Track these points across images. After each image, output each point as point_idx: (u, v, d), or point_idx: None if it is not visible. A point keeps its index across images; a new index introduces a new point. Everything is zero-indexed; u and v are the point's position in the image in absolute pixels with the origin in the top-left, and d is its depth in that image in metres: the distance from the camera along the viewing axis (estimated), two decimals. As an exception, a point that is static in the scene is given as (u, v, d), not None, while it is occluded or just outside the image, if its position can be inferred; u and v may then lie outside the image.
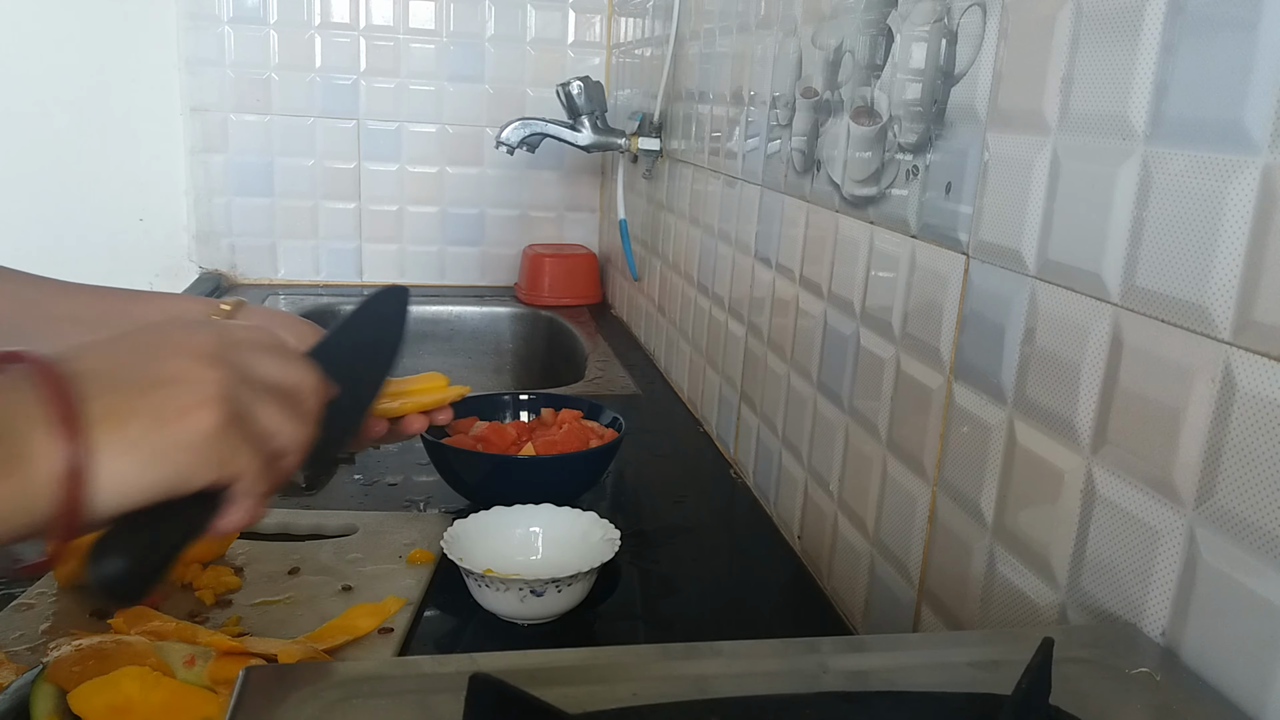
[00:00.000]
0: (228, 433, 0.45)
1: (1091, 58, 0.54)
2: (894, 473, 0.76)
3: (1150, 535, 0.50)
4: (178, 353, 0.46)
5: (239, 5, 1.85)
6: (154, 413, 0.43)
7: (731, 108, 1.19)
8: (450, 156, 1.99)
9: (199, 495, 0.44)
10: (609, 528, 0.85)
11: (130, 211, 1.95)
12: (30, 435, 0.39)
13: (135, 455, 0.42)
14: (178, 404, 0.44)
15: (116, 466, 0.41)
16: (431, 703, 0.42)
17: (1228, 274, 0.45)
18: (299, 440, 0.50)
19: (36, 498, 0.39)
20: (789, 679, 0.45)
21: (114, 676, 0.61)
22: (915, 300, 0.74)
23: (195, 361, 0.46)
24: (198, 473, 0.44)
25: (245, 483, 0.46)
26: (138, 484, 0.42)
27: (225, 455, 0.45)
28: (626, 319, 1.83)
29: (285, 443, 0.49)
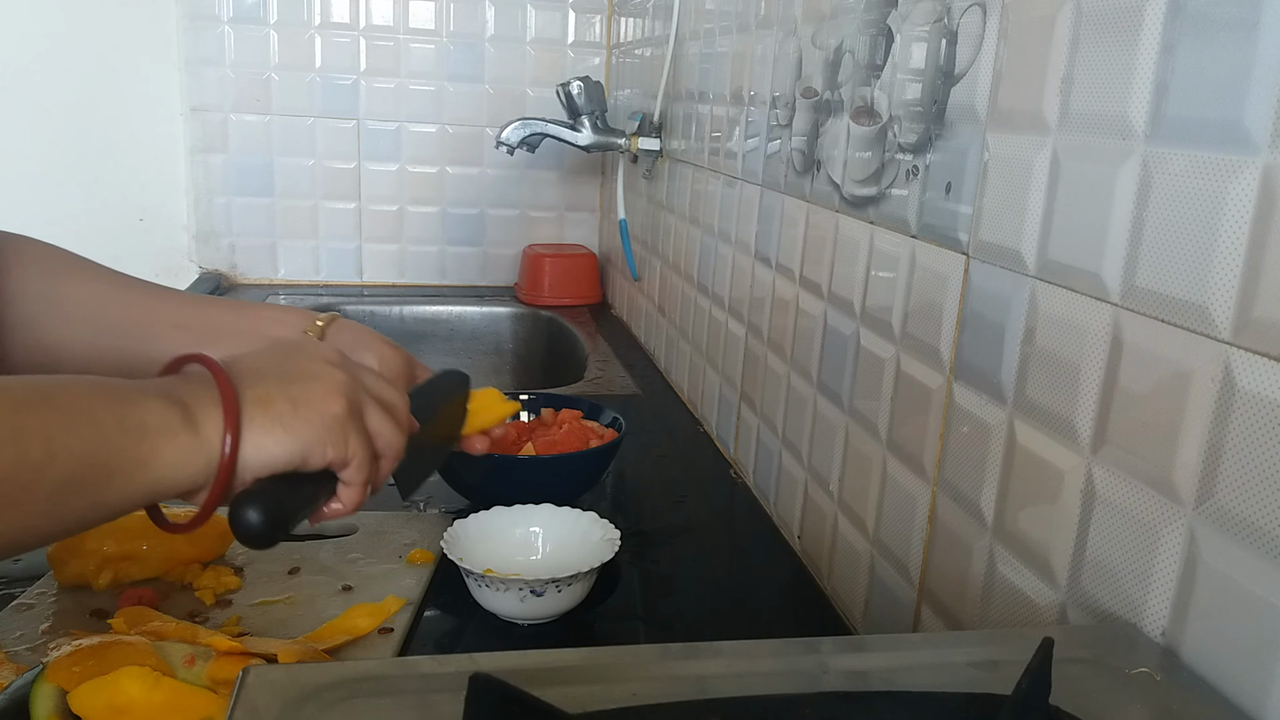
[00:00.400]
0: (346, 422, 0.56)
1: (1091, 58, 0.54)
2: (894, 473, 0.76)
3: (1150, 535, 0.50)
4: (312, 358, 0.58)
5: (239, 5, 1.85)
6: (292, 399, 0.54)
7: (731, 108, 1.19)
8: (450, 156, 1.99)
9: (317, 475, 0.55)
10: (609, 528, 0.85)
11: (130, 211, 1.95)
12: (205, 411, 0.51)
13: (276, 430, 0.53)
14: (311, 393, 0.55)
15: (261, 438, 0.52)
16: (431, 703, 0.42)
17: (1228, 274, 0.45)
18: (395, 446, 0.60)
19: (206, 454, 0.51)
20: (789, 679, 0.45)
21: (114, 676, 0.61)
22: (915, 300, 0.74)
23: (326, 365, 0.57)
24: (321, 450, 0.54)
25: (352, 470, 0.57)
26: (276, 452, 0.53)
27: (342, 439, 0.55)
28: (626, 319, 1.83)
29: (384, 445, 0.59)
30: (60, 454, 0.45)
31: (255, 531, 0.51)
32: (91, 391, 0.49)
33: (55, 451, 0.45)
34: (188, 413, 0.50)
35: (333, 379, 0.56)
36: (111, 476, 0.48)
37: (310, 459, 0.54)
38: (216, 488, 0.51)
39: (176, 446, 0.49)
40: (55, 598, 0.76)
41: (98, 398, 0.48)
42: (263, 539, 0.52)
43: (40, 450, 0.45)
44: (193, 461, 0.50)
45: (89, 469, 0.47)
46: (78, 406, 0.47)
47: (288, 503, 0.53)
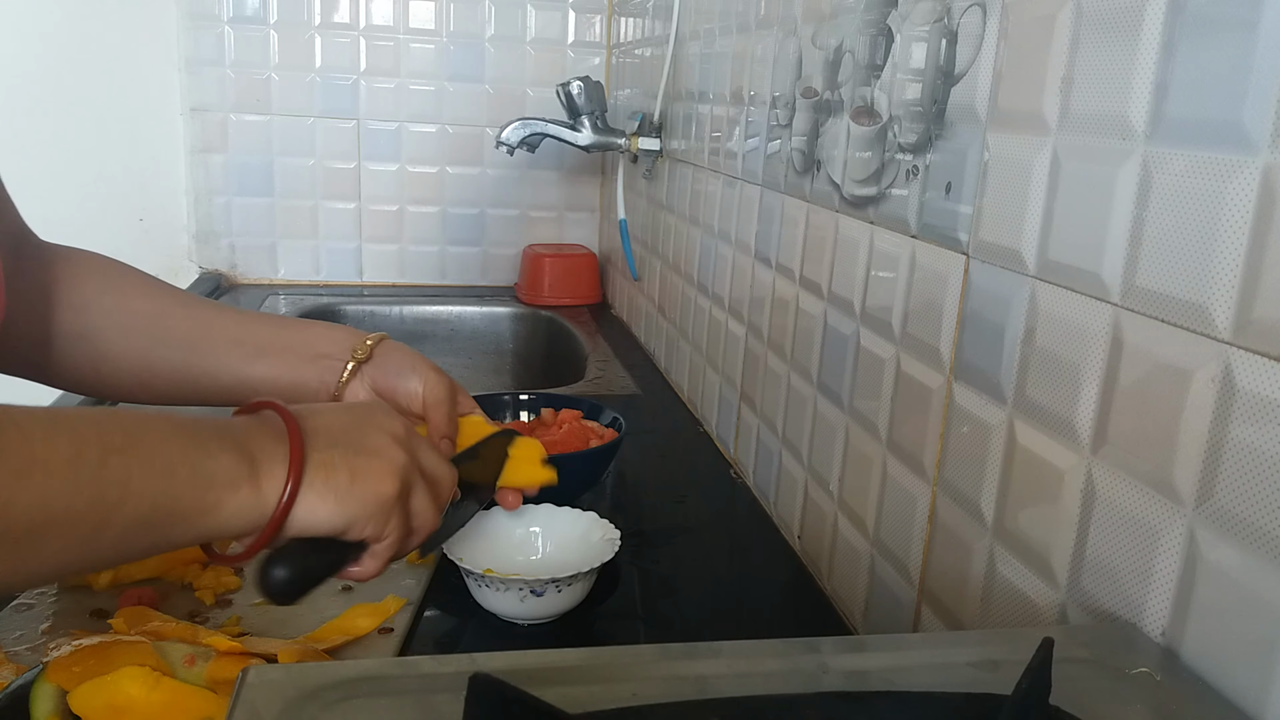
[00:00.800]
0: (393, 504, 0.58)
1: (1091, 58, 0.54)
2: (894, 473, 0.76)
3: (1150, 535, 0.50)
4: (381, 431, 0.60)
5: (239, 5, 1.85)
6: (353, 470, 0.57)
7: (731, 108, 1.19)
8: (450, 156, 1.99)
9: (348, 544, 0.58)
10: (609, 528, 0.85)
11: (130, 211, 1.95)
12: (272, 467, 0.54)
13: (329, 498, 0.55)
14: (371, 470, 0.57)
15: (314, 501, 0.55)
16: (431, 703, 0.42)
17: (1228, 274, 0.45)
18: (430, 526, 0.62)
19: (263, 507, 0.53)
20: (789, 679, 0.45)
21: (114, 676, 0.61)
22: (915, 300, 0.74)
23: (392, 442, 0.59)
24: (362, 526, 0.57)
25: (383, 546, 0.59)
26: (323, 518, 0.55)
27: (384, 520, 0.58)
28: (626, 319, 1.83)
29: (419, 525, 0.61)
30: (133, 499, 0.48)
31: (280, 590, 0.55)
32: (173, 436, 0.51)
33: (129, 496, 0.48)
34: (254, 467, 0.53)
35: (393, 459, 0.59)
36: (176, 521, 0.50)
37: (350, 532, 0.57)
38: (263, 538, 0.54)
39: (239, 500, 0.52)
40: (55, 598, 0.76)
41: (176, 444, 0.51)
42: (285, 597, 0.55)
43: (117, 494, 0.47)
44: (249, 514, 0.53)
45: (158, 514, 0.49)
46: (157, 452, 0.50)
47: (315, 566, 0.56)
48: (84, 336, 0.75)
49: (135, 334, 0.76)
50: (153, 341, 0.77)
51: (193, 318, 0.79)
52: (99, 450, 0.47)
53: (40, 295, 0.74)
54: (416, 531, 0.61)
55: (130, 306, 0.77)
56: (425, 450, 0.63)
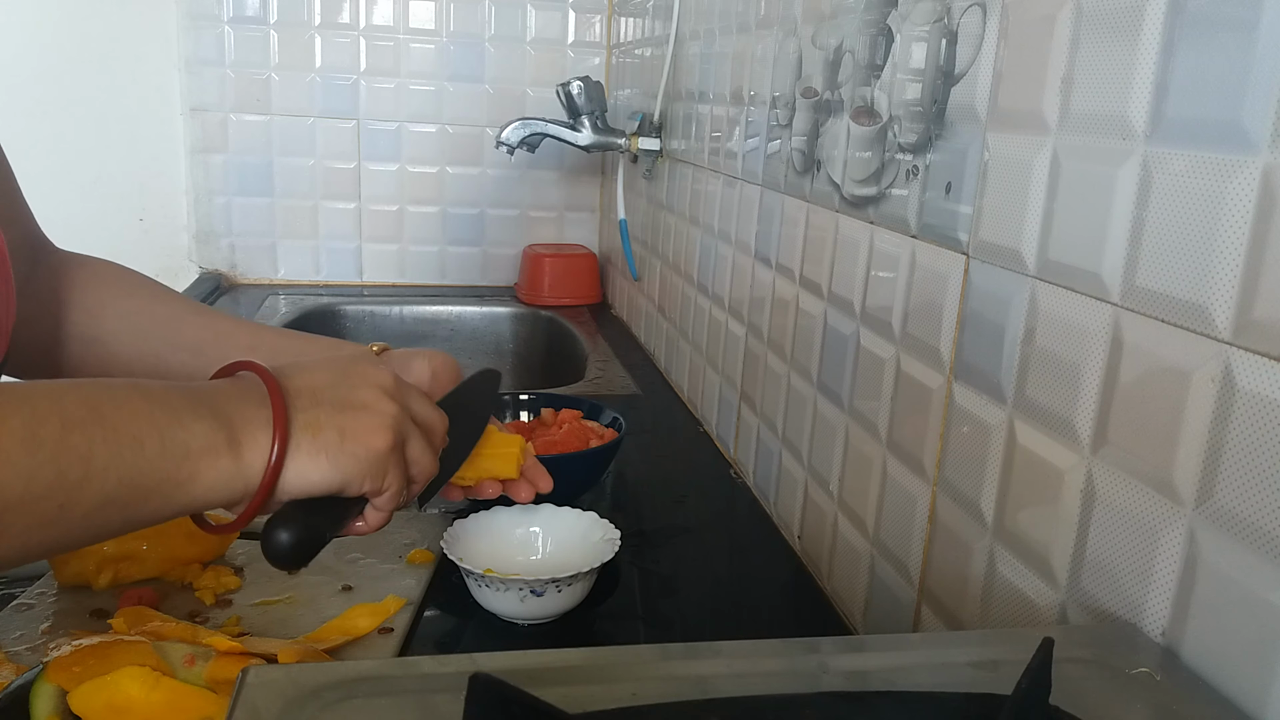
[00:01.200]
0: (389, 456, 0.56)
1: (1091, 58, 0.54)
2: (894, 473, 0.76)
3: (1150, 535, 0.50)
4: (367, 384, 0.58)
5: (239, 5, 1.85)
6: (341, 429, 0.54)
7: (731, 108, 1.19)
8: (450, 156, 1.99)
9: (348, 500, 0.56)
10: (609, 528, 0.85)
11: (130, 211, 1.95)
12: (253, 434, 0.52)
13: (320, 458, 0.53)
14: (360, 425, 0.55)
15: (304, 463, 0.53)
16: (431, 703, 0.42)
17: (1228, 274, 0.45)
18: (429, 472, 0.61)
19: (247, 475, 0.51)
20: (789, 679, 0.45)
21: (114, 676, 0.61)
22: (915, 300, 0.74)
23: (380, 394, 0.57)
24: (359, 482, 0.55)
25: (384, 499, 0.58)
26: (315, 479, 0.53)
27: (381, 473, 0.56)
28: (626, 319, 1.83)
29: (418, 472, 0.60)
30: (98, 476, 0.46)
31: (285, 554, 0.53)
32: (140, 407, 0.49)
33: (94, 474, 0.46)
34: (233, 434, 0.51)
35: (383, 411, 0.57)
36: (148, 496, 0.49)
37: (348, 489, 0.55)
38: (253, 506, 0.52)
39: (217, 470, 0.50)
40: (55, 598, 0.76)
41: (144, 415, 0.49)
42: (292, 561, 0.53)
43: (80, 472, 0.46)
44: (231, 484, 0.51)
45: (126, 490, 0.47)
46: (123, 425, 0.48)
47: (318, 526, 0.55)
48: (98, 339, 0.76)
49: (149, 338, 0.77)
50: (166, 345, 0.77)
51: (206, 324, 0.79)
52: (58, 427, 0.45)
53: (55, 299, 0.75)
54: (415, 480, 0.60)
55: (146, 311, 0.78)
56: (415, 397, 0.62)
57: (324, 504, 0.55)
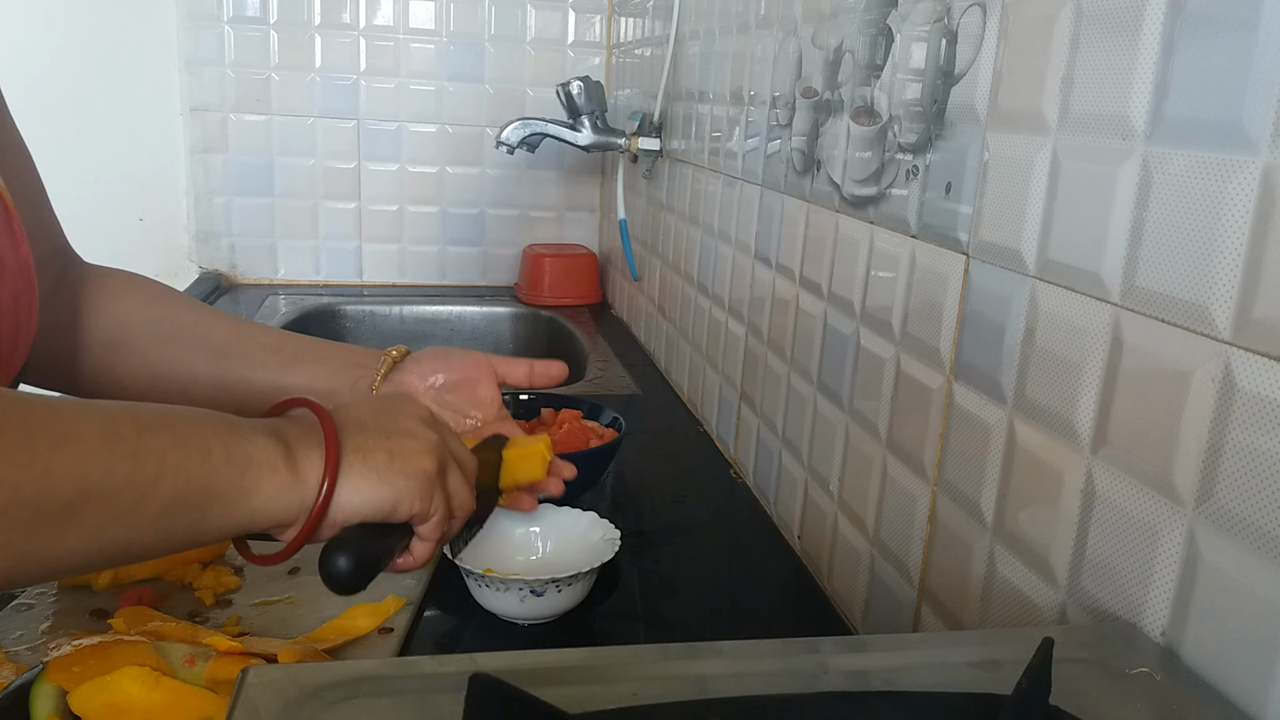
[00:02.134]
0: (434, 480, 0.59)
1: (1091, 58, 0.54)
2: (894, 473, 0.76)
3: (1150, 535, 0.50)
4: (409, 415, 0.61)
5: (239, 5, 1.85)
6: (389, 451, 0.57)
7: (731, 108, 1.19)
8: (450, 156, 1.99)
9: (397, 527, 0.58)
10: (609, 528, 0.85)
11: (130, 211, 1.95)
12: (307, 453, 0.55)
13: (372, 477, 0.56)
14: (407, 448, 0.58)
15: (357, 482, 0.55)
16: (431, 703, 0.42)
17: (1228, 274, 0.45)
18: (467, 507, 0.63)
19: (303, 490, 0.54)
20: (789, 679, 0.45)
21: (114, 676, 0.61)
22: (915, 300, 0.74)
23: (420, 423, 0.61)
24: (410, 503, 0.57)
25: (430, 526, 0.60)
26: (369, 498, 0.56)
27: (429, 495, 0.58)
28: (626, 319, 1.83)
29: (458, 505, 0.62)
30: (169, 474, 0.48)
31: (344, 577, 0.54)
32: (206, 421, 0.52)
33: (165, 471, 0.48)
34: (290, 452, 0.54)
35: (426, 438, 0.60)
36: (213, 501, 0.51)
37: (398, 510, 0.57)
38: (309, 525, 0.54)
39: (276, 481, 0.53)
40: (55, 598, 0.76)
41: (211, 427, 0.52)
42: (351, 585, 0.55)
43: (153, 468, 0.48)
44: (288, 498, 0.53)
45: (194, 491, 0.50)
46: (192, 433, 0.51)
47: (373, 552, 0.56)
48: (125, 344, 0.78)
49: (176, 342, 0.79)
50: (192, 349, 0.79)
51: (232, 328, 0.82)
52: (132, 427, 0.48)
53: (79, 308, 0.77)
54: (456, 513, 0.62)
55: (173, 317, 0.80)
56: (450, 434, 0.64)
57: (376, 530, 0.57)
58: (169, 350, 0.79)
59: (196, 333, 0.80)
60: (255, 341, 0.81)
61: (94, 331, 0.77)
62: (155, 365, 0.78)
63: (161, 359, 0.78)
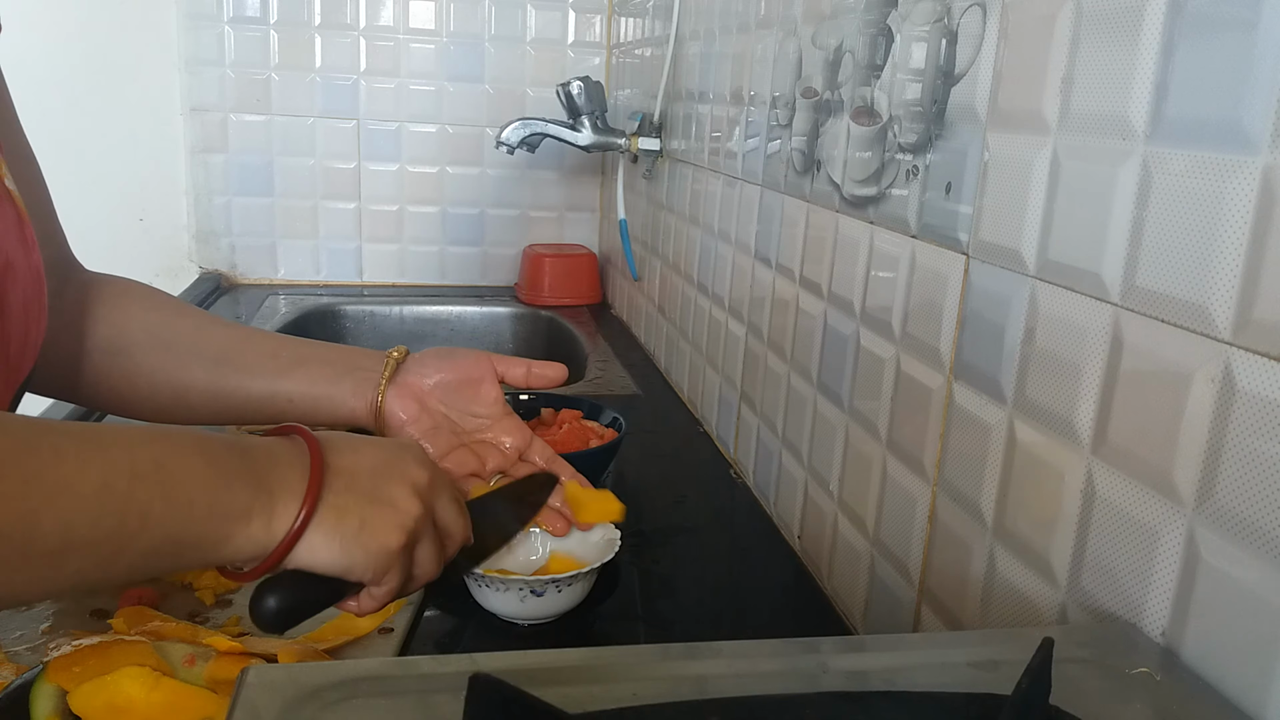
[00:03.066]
0: (397, 555, 0.58)
1: (1091, 58, 0.54)
2: (894, 473, 0.76)
3: (1150, 535, 0.50)
4: (401, 480, 0.60)
5: (239, 5, 1.85)
6: (364, 520, 0.57)
7: (731, 108, 1.19)
8: (450, 156, 1.99)
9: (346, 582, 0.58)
10: (609, 528, 0.85)
11: (130, 211, 1.95)
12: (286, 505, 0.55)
13: (334, 542, 0.56)
14: (383, 522, 0.58)
15: (320, 543, 0.55)
16: (431, 703, 0.42)
17: (1228, 274, 0.45)
18: (430, 576, 0.63)
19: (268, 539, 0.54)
20: (789, 679, 0.45)
21: (114, 676, 0.61)
22: (915, 300, 0.74)
23: (409, 493, 0.60)
24: (362, 571, 0.58)
25: (380, 591, 0.60)
26: (323, 559, 0.56)
27: (385, 568, 0.58)
28: (626, 319, 1.83)
29: (420, 574, 0.62)
30: (152, 529, 0.49)
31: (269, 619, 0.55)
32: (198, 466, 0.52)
33: (149, 525, 0.49)
34: (270, 502, 0.54)
35: (406, 512, 0.59)
36: (187, 550, 0.52)
37: (348, 575, 0.58)
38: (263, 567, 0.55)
39: (249, 532, 0.54)
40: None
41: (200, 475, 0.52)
42: (275, 627, 0.56)
43: (137, 523, 0.49)
44: (256, 546, 0.54)
45: (171, 544, 0.51)
46: (181, 484, 0.51)
47: (307, 598, 0.57)
48: (123, 351, 0.78)
49: (174, 349, 0.79)
50: (190, 356, 0.79)
51: (230, 334, 0.81)
52: (127, 479, 0.48)
53: (81, 314, 0.77)
54: (415, 579, 0.62)
55: (171, 324, 0.80)
56: (444, 502, 0.63)
57: (322, 580, 0.57)
58: (166, 357, 0.78)
59: (194, 340, 0.80)
60: (253, 348, 0.80)
61: (93, 338, 0.77)
62: (153, 373, 0.78)
63: (159, 366, 0.78)
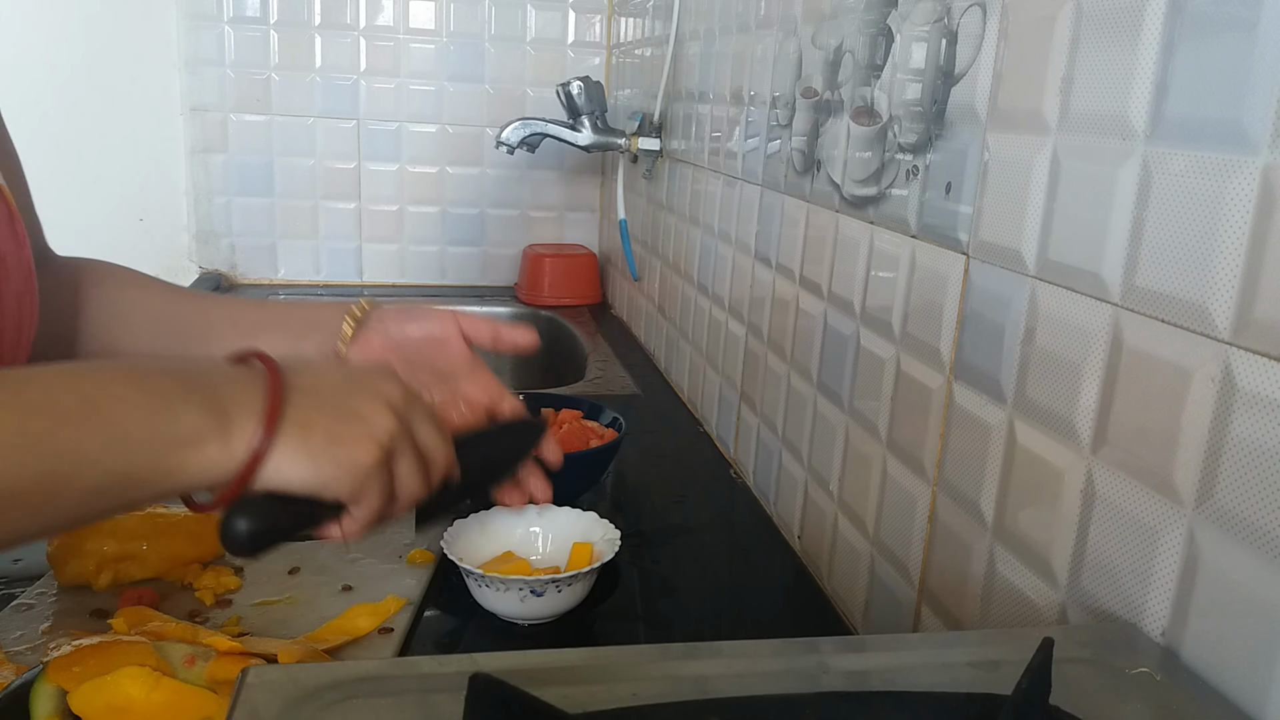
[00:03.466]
0: (372, 471, 0.55)
1: (1091, 58, 0.54)
2: (894, 473, 0.76)
3: (1150, 535, 0.50)
4: (371, 396, 0.56)
5: (239, 5, 1.85)
6: (332, 434, 0.54)
7: (731, 108, 1.19)
8: (450, 156, 1.99)
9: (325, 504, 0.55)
10: (609, 528, 0.85)
11: (130, 211, 1.95)
12: (245, 419, 0.51)
13: (301, 458, 0.52)
14: (352, 434, 0.54)
15: (287, 461, 0.52)
16: (431, 703, 0.42)
17: (1228, 274, 0.45)
18: (414, 497, 0.59)
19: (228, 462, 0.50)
20: (789, 679, 0.45)
21: (114, 676, 0.61)
22: (915, 300, 0.74)
23: (381, 407, 0.56)
24: (337, 488, 0.54)
25: (360, 510, 0.56)
26: (292, 478, 0.52)
27: (362, 486, 0.55)
28: (626, 319, 1.83)
29: (404, 496, 0.58)
30: (87, 469, 0.47)
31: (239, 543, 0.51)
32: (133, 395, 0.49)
33: (82, 467, 0.47)
34: (225, 423, 0.51)
35: (378, 425, 0.55)
36: (136, 485, 0.49)
37: (323, 494, 0.54)
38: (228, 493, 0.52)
39: (204, 457, 0.50)
40: (55, 598, 0.76)
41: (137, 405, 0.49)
42: (246, 550, 0.52)
43: (70, 465, 0.46)
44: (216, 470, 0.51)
45: (115, 480, 0.48)
46: (114, 418, 0.48)
47: (282, 521, 0.53)
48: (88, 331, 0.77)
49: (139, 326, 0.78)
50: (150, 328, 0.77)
51: (192, 308, 0.80)
52: (48, 422, 0.46)
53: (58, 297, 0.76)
54: (399, 500, 0.58)
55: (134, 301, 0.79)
56: (423, 422, 0.59)
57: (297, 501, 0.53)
58: (131, 333, 0.77)
59: (156, 314, 0.78)
60: (215, 315, 0.79)
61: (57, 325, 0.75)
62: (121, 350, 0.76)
63: (128, 345, 0.76)
